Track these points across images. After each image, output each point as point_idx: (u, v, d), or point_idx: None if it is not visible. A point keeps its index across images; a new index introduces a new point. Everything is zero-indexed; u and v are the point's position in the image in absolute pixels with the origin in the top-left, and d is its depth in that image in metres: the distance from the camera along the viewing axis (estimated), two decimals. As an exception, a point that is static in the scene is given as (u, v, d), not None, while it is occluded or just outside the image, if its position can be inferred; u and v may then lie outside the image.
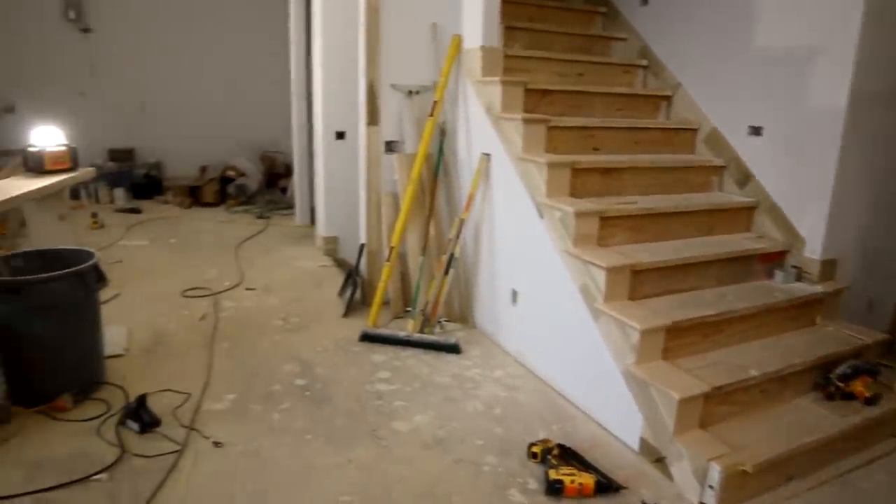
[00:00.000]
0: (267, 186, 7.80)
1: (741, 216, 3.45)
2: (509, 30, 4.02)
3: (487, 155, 3.52)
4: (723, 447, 2.33)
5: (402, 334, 3.52)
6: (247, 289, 4.40)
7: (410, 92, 3.88)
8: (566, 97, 3.75)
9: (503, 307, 3.50)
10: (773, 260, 3.24)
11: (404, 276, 3.93)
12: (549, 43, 4.20)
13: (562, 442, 2.51)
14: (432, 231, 3.81)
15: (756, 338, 2.91)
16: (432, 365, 3.30)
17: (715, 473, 2.22)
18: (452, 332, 3.68)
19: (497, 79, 3.42)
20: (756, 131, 3.43)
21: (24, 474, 2.36)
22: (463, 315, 3.85)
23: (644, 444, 2.53)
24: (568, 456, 2.43)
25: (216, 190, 7.39)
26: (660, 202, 3.24)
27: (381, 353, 3.41)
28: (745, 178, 3.51)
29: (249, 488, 2.30)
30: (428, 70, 3.87)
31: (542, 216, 3.07)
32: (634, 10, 4.38)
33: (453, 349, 3.43)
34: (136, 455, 2.48)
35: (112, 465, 2.41)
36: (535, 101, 3.61)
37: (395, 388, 3.04)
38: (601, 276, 2.72)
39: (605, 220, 2.97)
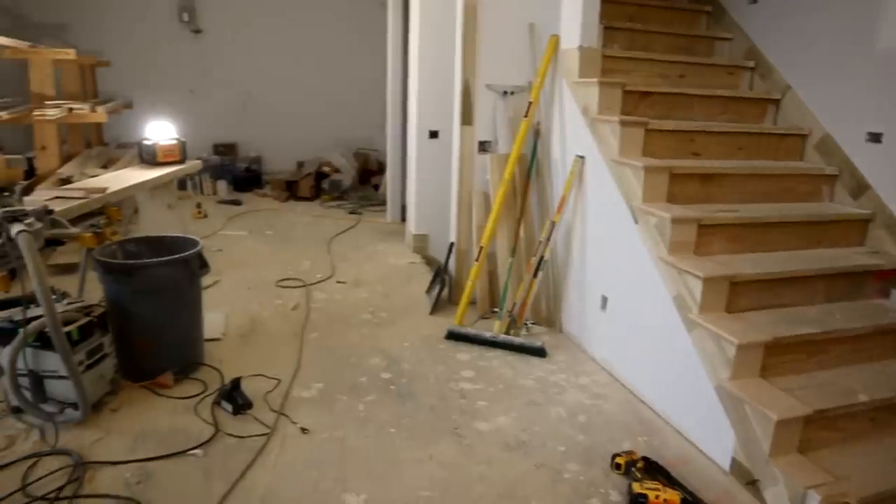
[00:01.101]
0: (360, 183, 8.00)
1: (854, 229, 3.23)
2: (608, 30, 3.94)
3: (582, 157, 3.46)
4: (824, 475, 2.19)
5: (487, 335, 3.52)
6: (338, 282, 4.53)
7: (505, 92, 3.87)
8: (666, 99, 3.63)
9: (592, 313, 3.43)
10: (888, 277, 3.01)
11: (492, 277, 3.93)
12: (649, 43, 4.08)
13: (647, 455, 2.44)
14: (522, 232, 3.79)
15: (866, 361, 2.71)
16: (517, 367, 3.28)
17: (814, 503, 2.09)
18: (538, 336, 3.64)
19: (595, 80, 3.36)
20: (875, 138, 3.19)
21: (129, 443, 2.54)
22: (550, 319, 3.81)
23: (736, 464, 2.42)
24: (653, 470, 2.36)
25: (312, 185, 7.64)
26: (763, 211, 3.08)
27: (466, 352, 3.43)
28: (860, 188, 3.28)
29: (333, 475, 2.37)
30: (523, 70, 3.85)
31: (636, 221, 2.99)
32: (743, 9, 4.18)
33: (539, 353, 3.40)
34: (229, 434, 2.61)
35: (207, 441, 2.55)
36: (634, 103, 3.52)
37: (478, 388, 3.05)
38: (697, 286, 2.62)
39: (704, 227, 2.86)
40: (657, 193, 2.99)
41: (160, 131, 4.59)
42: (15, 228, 2.31)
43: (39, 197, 3.17)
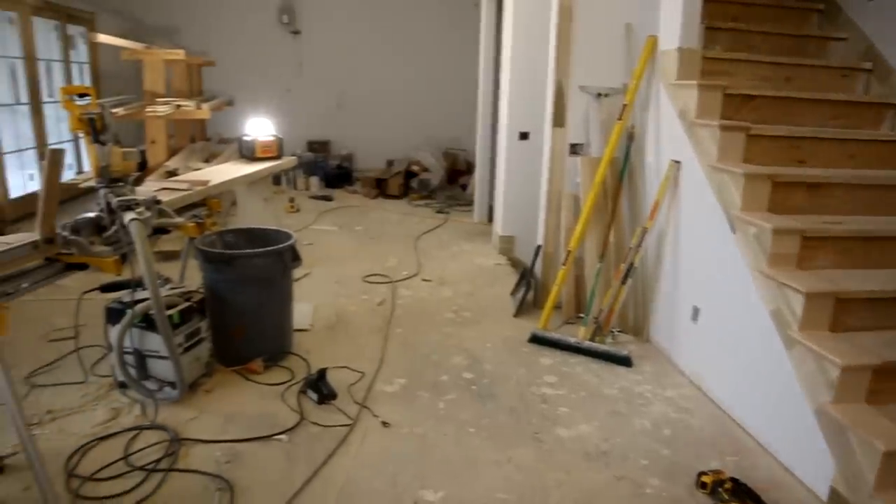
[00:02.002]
0: (448, 182, 8.06)
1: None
2: (710, 30, 3.78)
3: (677, 162, 3.34)
4: (936, 512, 2.01)
5: (572, 340, 3.47)
6: (423, 280, 4.58)
7: (599, 94, 3.79)
8: (770, 103, 3.45)
9: (682, 324, 3.31)
10: None
11: (579, 282, 3.87)
12: (754, 44, 3.89)
13: (736, 476, 2.32)
14: (612, 238, 3.70)
15: None
16: (601, 375, 3.21)
17: (923, 541, 1.93)
18: (624, 344, 3.55)
19: (694, 82, 3.24)
20: None
21: (220, 424, 2.67)
22: (637, 327, 3.70)
23: (834, 494, 2.26)
24: (742, 492, 2.24)
25: (400, 183, 7.77)
26: (875, 224, 2.87)
27: (549, 357, 3.38)
28: None
29: (411, 470, 2.40)
30: (618, 72, 3.76)
31: (734, 231, 2.85)
32: (860, 7, 3.91)
33: (624, 361, 3.31)
34: (313, 423, 2.69)
35: (292, 428, 2.65)
36: (735, 106, 3.36)
37: (560, 394, 3.00)
38: (799, 302, 2.47)
39: (808, 239, 2.69)
40: (758, 202, 2.85)
41: (259, 128, 4.79)
42: (128, 216, 2.46)
43: (148, 188, 3.37)
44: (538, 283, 4.07)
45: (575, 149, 3.89)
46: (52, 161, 2.18)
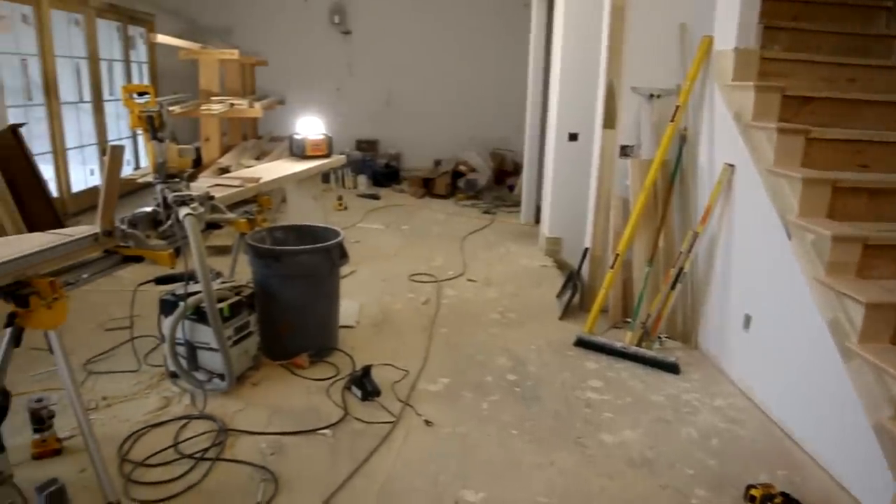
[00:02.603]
0: (495, 183, 8.04)
1: None
2: (769, 30, 3.65)
3: (731, 165, 3.26)
4: None
5: (618, 345, 3.41)
6: (468, 280, 4.58)
7: (651, 95, 3.73)
8: (831, 105, 3.32)
9: (732, 332, 3.22)
10: None
11: (627, 286, 3.80)
12: (815, 44, 3.75)
13: (787, 491, 2.25)
14: (662, 242, 3.63)
15: None
16: (647, 381, 3.15)
17: None
18: (672, 351, 3.48)
19: (750, 83, 3.15)
20: None
21: (266, 416, 2.72)
22: (685, 334, 3.62)
23: (893, 511, 2.17)
24: (793, 507, 2.17)
25: (447, 183, 7.78)
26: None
27: (594, 361, 3.34)
28: None
29: (453, 470, 2.40)
30: (672, 73, 3.69)
31: (790, 237, 2.76)
32: (933, 7, 3.74)
33: (672, 368, 3.25)
34: (356, 419, 2.72)
35: (336, 423, 2.68)
36: (793, 109, 3.25)
37: (605, 399, 2.96)
38: (858, 312, 2.37)
39: (870, 248, 2.58)
40: (816, 208, 2.75)
41: (309, 127, 4.86)
42: (182, 211, 2.53)
43: (202, 184, 3.46)
44: (585, 286, 4.02)
45: (625, 151, 3.83)
46: (112, 157, 2.25)
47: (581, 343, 3.49)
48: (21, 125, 5.23)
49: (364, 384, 2.86)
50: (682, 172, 3.66)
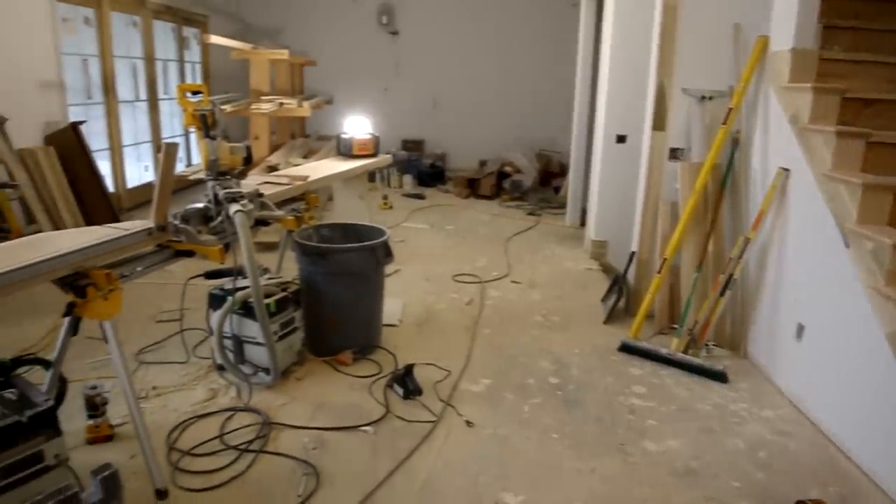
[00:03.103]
0: (540, 184, 7.99)
1: None
2: (828, 29, 3.53)
3: (786, 170, 3.16)
4: None
5: (664, 351, 3.35)
6: (512, 281, 4.56)
7: (703, 97, 3.64)
8: (894, 108, 3.19)
9: (784, 341, 3.13)
10: None
11: (674, 291, 3.73)
12: (879, 44, 3.60)
13: (840, 507, 2.17)
14: (711, 247, 3.55)
15: None
16: (693, 389, 3.08)
17: None
18: (720, 359, 3.39)
19: (808, 85, 3.05)
20: None
21: (309, 411, 2.76)
22: (734, 342, 3.53)
23: (955, 534, 2.07)
24: (847, 524, 2.09)
25: (492, 184, 7.76)
26: None
27: (638, 367, 3.28)
28: None
29: (492, 472, 2.39)
30: (724, 74, 3.60)
31: (847, 245, 2.66)
32: None
33: (719, 377, 3.17)
34: (398, 417, 2.73)
35: (377, 420, 2.70)
36: (854, 112, 3.13)
37: (649, 406, 2.91)
38: (920, 324, 2.28)
39: (934, 257, 2.48)
40: (877, 215, 2.64)
41: (357, 126, 4.90)
42: (233, 208, 2.59)
43: (251, 181, 3.53)
44: (630, 291, 3.96)
45: (675, 153, 3.75)
46: (167, 154, 2.31)
47: (625, 348, 3.44)
48: (81, 123, 5.43)
49: (406, 383, 2.88)
50: (734, 176, 3.57)
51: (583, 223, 5.92)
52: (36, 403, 1.94)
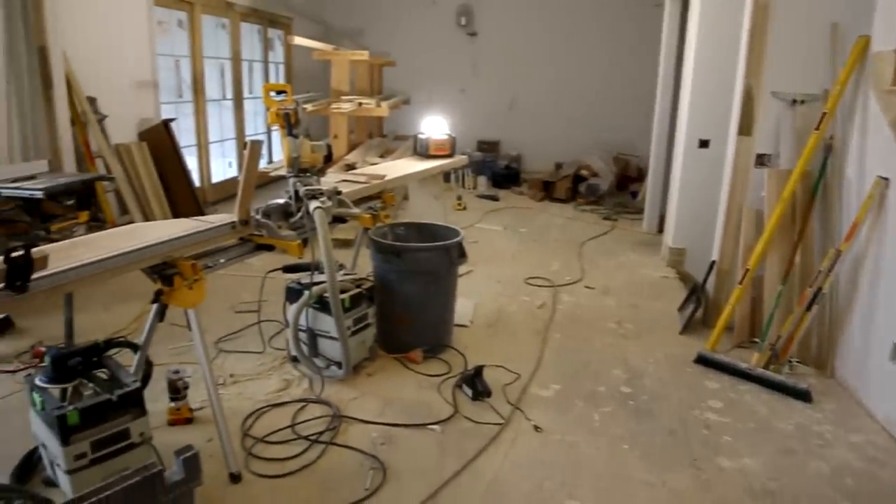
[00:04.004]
0: (617, 189, 7.83)
1: None
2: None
3: (885, 179, 2.97)
4: None
5: (742, 365, 3.21)
6: (586, 286, 4.48)
7: (794, 101, 3.48)
8: None
9: (878, 362, 2.94)
10: None
11: (755, 303, 3.57)
12: None
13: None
14: (798, 258, 3.38)
15: None
16: (773, 407, 2.94)
17: None
18: (804, 377, 3.22)
19: (914, 90, 2.86)
20: None
21: (378, 406, 2.80)
22: (820, 360, 3.34)
23: None
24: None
25: (568, 187, 7.66)
26: None
27: (715, 381, 3.16)
28: None
29: (559, 478, 2.35)
30: (818, 76, 3.42)
31: (952, 261, 2.48)
32: None
33: (802, 396, 3.01)
34: (466, 417, 2.74)
35: (445, 420, 2.71)
36: (965, 119, 2.92)
37: (725, 422, 2.79)
38: None
39: None
40: None
41: (434, 127, 4.93)
42: (313, 205, 2.65)
43: (330, 179, 3.60)
44: (709, 301, 3.82)
45: (762, 159, 3.60)
46: (251, 151, 2.39)
47: (702, 360, 3.32)
48: (172, 120, 5.71)
49: (475, 384, 2.87)
50: (826, 185, 3.38)
51: (660, 230, 5.77)
52: (125, 384, 2.06)
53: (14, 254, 1.66)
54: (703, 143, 4.68)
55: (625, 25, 8.23)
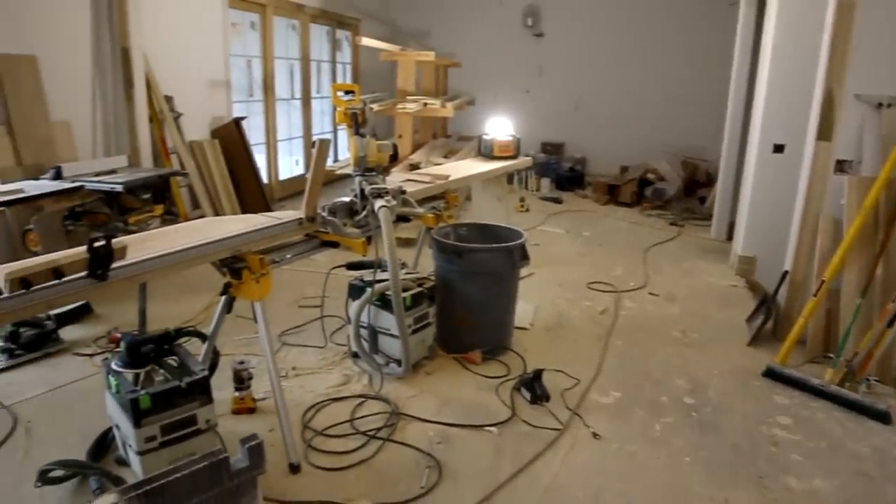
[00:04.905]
0: (685, 194, 7.61)
1: None
2: None
3: (979, 190, 2.79)
4: None
5: (815, 381, 3.07)
6: (650, 293, 4.38)
7: (880, 104, 3.31)
8: None
9: (964, 382, 2.76)
10: None
11: (831, 317, 3.41)
12: None
13: None
14: (880, 271, 3.20)
15: None
16: (848, 427, 2.80)
17: None
18: (883, 397, 3.05)
19: None
20: None
21: (436, 406, 2.81)
22: (901, 379, 3.17)
23: None
24: None
25: (633, 191, 7.50)
26: None
27: (784, 396, 3.03)
28: None
29: (617, 487, 2.31)
30: (908, 80, 3.25)
31: None
32: None
33: (881, 417, 2.84)
34: (523, 421, 2.71)
35: (503, 422, 2.69)
36: None
37: (795, 440, 2.68)
38: None
39: None
40: None
41: (498, 128, 4.92)
42: (378, 203, 2.69)
43: (395, 178, 3.64)
44: (780, 312, 3.67)
45: (842, 166, 3.43)
46: (320, 150, 2.44)
47: (771, 374, 3.19)
48: (243, 118, 5.89)
49: (534, 387, 2.85)
50: (913, 194, 3.20)
51: (729, 237, 5.57)
52: (193, 372, 2.14)
53: (96, 244, 1.74)
54: (778, 148, 4.49)
55: (696, 25, 8.00)
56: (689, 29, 8.07)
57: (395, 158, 3.04)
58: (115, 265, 1.82)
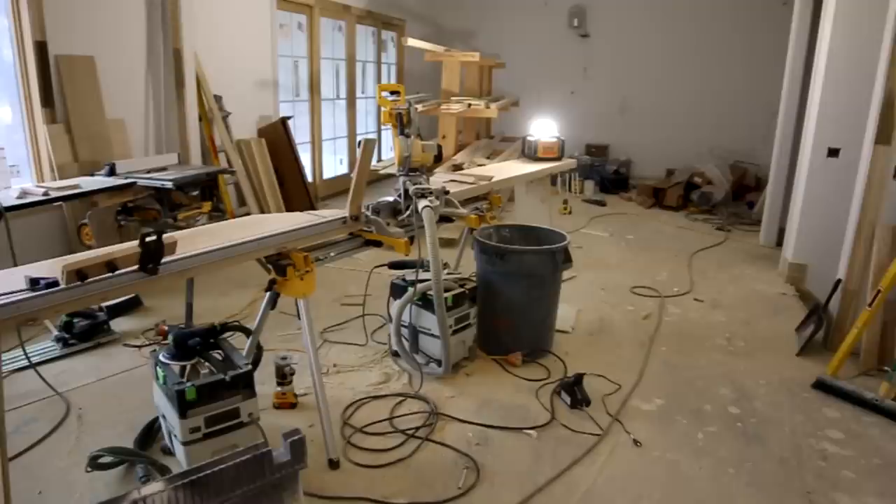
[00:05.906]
0: (733, 198, 7.43)
1: None
2: None
3: None
4: None
5: (869, 395, 2.95)
6: (695, 299, 4.29)
7: (944, 109, 3.17)
8: None
9: None
10: None
11: (887, 328, 3.28)
12: None
13: None
14: (939, 282, 3.08)
15: None
16: (903, 443, 2.69)
17: None
18: (941, 411, 2.93)
19: None
20: None
21: (475, 407, 2.81)
22: (961, 394, 3.03)
23: None
24: None
25: (679, 195, 7.36)
26: None
27: (835, 409, 2.93)
28: None
29: (656, 497, 2.26)
30: (977, 83, 3.10)
31: None
32: None
33: (939, 432, 2.74)
34: (563, 425, 2.69)
35: (542, 426, 2.68)
36: None
37: (846, 455, 2.58)
38: None
39: None
40: None
41: (542, 129, 4.88)
42: (421, 203, 2.69)
43: (438, 179, 3.65)
44: (832, 323, 3.55)
45: (901, 172, 3.30)
46: (365, 149, 2.46)
47: (821, 386, 3.09)
48: (289, 118, 5.98)
49: (574, 391, 2.82)
50: (978, 202, 3.07)
51: (779, 243, 5.42)
52: (237, 365, 2.18)
53: (148, 239, 1.79)
54: (833, 152, 4.35)
55: (747, 26, 7.81)
56: (740, 29, 7.88)
57: (439, 159, 3.04)
58: (165, 260, 1.87)
